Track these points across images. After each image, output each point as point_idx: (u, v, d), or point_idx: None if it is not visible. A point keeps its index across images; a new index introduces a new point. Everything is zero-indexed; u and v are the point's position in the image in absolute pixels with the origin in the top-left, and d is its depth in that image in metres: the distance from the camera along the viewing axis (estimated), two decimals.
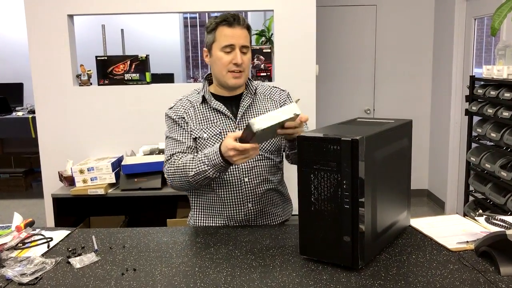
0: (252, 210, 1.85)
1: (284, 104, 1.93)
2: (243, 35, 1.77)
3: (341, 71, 5.27)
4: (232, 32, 1.75)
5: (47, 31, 3.56)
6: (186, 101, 1.88)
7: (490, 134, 3.14)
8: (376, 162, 1.38)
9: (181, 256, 1.51)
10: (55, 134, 3.65)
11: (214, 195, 1.85)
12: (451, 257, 1.43)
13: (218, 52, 1.77)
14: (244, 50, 1.78)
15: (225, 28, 1.75)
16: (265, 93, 1.94)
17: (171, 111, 1.88)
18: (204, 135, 1.81)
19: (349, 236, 1.34)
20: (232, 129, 1.82)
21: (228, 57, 1.76)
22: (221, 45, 1.76)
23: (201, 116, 1.84)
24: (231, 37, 1.74)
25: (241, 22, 1.76)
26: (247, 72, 1.84)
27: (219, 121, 1.83)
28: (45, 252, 1.56)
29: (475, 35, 4.44)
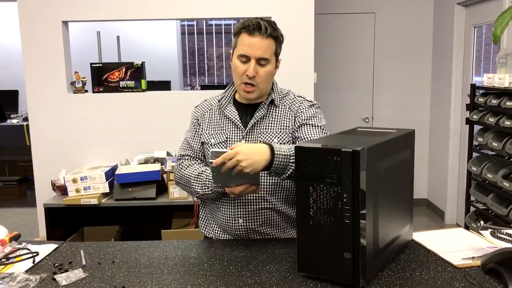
0: (243, 226, 1.74)
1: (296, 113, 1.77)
2: (263, 46, 1.65)
3: (339, 79, 5.22)
4: (250, 41, 1.64)
5: (42, 37, 3.51)
6: (207, 104, 1.86)
7: (491, 144, 3.08)
8: (378, 174, 1.32)
9: (172, 273, 1.43)
10: (48, 142, 3.59)
11: (213, 205, 1.81)
12: (457, 274, 1.36)
13: (235, 60, 1.70)
14: (262, 63, 1.67)
15: (245, 36, 1.66)
16: (287, 104, 1.79)
17: (194, 109, 1.88)
18: (212, 140, 1.78)
19: (350, 252, 1.27)
20: (239, 139, 1.75)
21: (243, 67, 1.68)
22: (238, 53, 1.68)
23: (214, 120, 1.81)
24: (247, 47, 1.65)
25: (263, 31, 1.63)
26: (264, 85, 1.71)
27: (228, 128, 1.77)
28: (30, 267, 1.49)
29: (475, 43, 4.40)
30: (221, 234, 1.80)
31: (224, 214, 1.75)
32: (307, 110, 1.78)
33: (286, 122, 1.77)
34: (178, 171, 1.82)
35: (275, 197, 1.74)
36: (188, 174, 1.76)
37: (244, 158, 1.45)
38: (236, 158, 1.45)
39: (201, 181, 1.72)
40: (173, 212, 3.42)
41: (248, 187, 1.56)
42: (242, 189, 1.55)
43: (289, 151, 1.53)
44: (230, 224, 1.75)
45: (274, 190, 1.74)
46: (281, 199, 1.75)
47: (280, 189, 1.74)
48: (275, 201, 1.74)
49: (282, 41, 1.74)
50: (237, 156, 1.45)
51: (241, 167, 1.46)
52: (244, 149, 1.47)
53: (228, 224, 1.75)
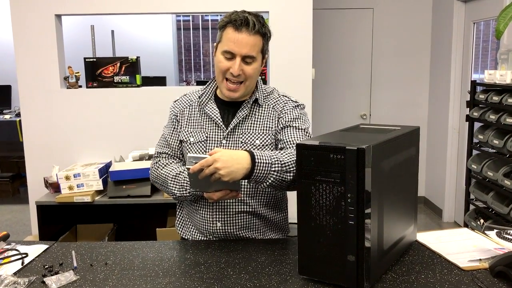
0: (221, 230, 1.67)
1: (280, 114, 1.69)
2: (249, 43, 1.55)
3: (337, 75, 5.16)
4: (236, 37, 1.55)
5: (34, 31, 3.43)
6: (187, 99, 1.77)
7: (492, 141, 3.03)
8: (383, 172, 1.26)
9: (168, 275, 1.37)
10: (41, 139, 3.51)
11: (191, 207, 1.74)
12: (464, 277, 1.31)
13: (219, 55, 1.61)
14: (248, 60, 1.58)
15: (231, 31, 1.56)
16: (271, 104, 1.71)
17: (173, 104, 1.80)
18: (191, 139, 1.70)
19: (354, 255, 1.21)
20: (219, 139, 1.66)
21: (227, 63, 1.58)
22: (223, 48, 1.59)
23: (193, 118, 1.73)
24: (233, 43, 1.55)
25: (251, 27, 1.54)
26: (250, 83, 1.63)
27: (208, 127, 1.69)
28: (18, 270, 1.42)
29: (474, 39, 4.35)
30: (198, 236, 1.73)
31: (202, 217, 1.68)
32: (291, 111, 1.70)
33: (269, 123, 1.69)
34: (155, 170, 1.74)
35: (255, 200, 1.68)
36: (165, 174, 1.68)
37: (222, 166, 1.38)
38: (215, 166, 1.38)
39: (178, 182, 1.64)
40: (168, 209, 3.36)
41: (228, 193, 1.49)
42: (221, 195, 1.49)
43: (270, 159, 1.47)
44: (208, 228, 1.68)
45: (254, 193, 1.67)
46: (261, 202, 1.69)
47: (261, 192, 1.68)
48: (255, 204, 1.68)
49: (269, 38, 1.65)
50: (216, 164, 1.38)
51: (219, 175, 1.39)
52: (223, 156, 1.39)
53: (206, 227, 1.68)
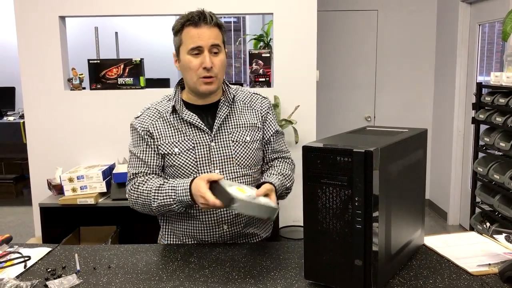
0: (227, 232, 1.65)
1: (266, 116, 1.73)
2: (212, 34, 1.56)
3: (341, 77, 5.14)
4: (199, 32, 1.55)
5: (38, 33, 3.42)
6: (154, 111, 1.67)
7: (499, 144, 3.00)
8: (391, 175, 1.24)
9: (172, 279, 1.35)
10: (44, 140, 3.50)
11: (186, 216, 1.66)
12: (473, 282, 1.29)
13: (186, 56, 1.58)
14: (215, 50, 1.58)
15: (191, 29, 1.56)
16: (245, 100, 1.72)
17: (136, 121, 1.68)
18: (175, 149, 1.61)
19: (361, 260, 1.19)
20: (207, 143, 1.61)
21: (197, 60, 1.56)
22: (188, 48, 1.56)
23: (171, 128, 1.63)
24: (197, 38, 1.55)
25: (208, 20, 1.56)
26: (221, 75, 1.62)
27: (192, 134, 1.62)
28: (21, 273, 1.41)
29: (479, 41, 4.32)
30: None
31: (205, 224, 1.64)
32: (272, 114, 1.77)
33: (254, 119, 1.70)
34: (133, 192, 1.62)
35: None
36: (147, 189, 1.59)
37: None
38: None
39: (163, 191, 1.56)
40: None
41: None
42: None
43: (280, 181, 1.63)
44: (213, 233, 1.65)
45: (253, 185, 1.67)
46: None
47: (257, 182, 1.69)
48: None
49: (225, 32, 1.65)
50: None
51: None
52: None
53: (211, 233, 1.65)
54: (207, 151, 1.61)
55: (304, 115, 3.44)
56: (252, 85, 3.49)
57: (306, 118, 3.47)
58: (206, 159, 1.61)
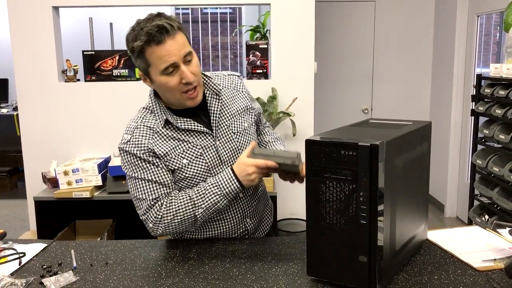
0: (250, 224, 1.64)
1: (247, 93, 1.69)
2: (180, 44, 1.38)
3: (338, 69, 5.10)
4: (166, 49, 1.36)
5: (31, 23, 3.35)
6: (144, 129, 1.49)
7: (498, 136, 2.98)
8: (396, 170, 1.21)
9: (171, 276, 1.32)
10: (38, 133, 3.45)
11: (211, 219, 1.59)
12: (479, 278, 1.26)
13: (159, 77, 1.40)
14: (189, 58, 1.41)
15: (155, 48, 1.36)
16: (226, 84, 1.62)
17: (131, 146, 1.46)
18: (184, 161, 1.48)
19: (366, 256, 1.16)
20: (212, 144, 1.52)
21: (175, 78, 1.40)
22: (159, 69, 1.38)
23: (171, 140, 1.49)
24: (168, 56, 1.36)
25: (170, 30, 1.36)
26: (201, 79, 1.48)
27: (194, 140, 1.50)
28: (15, 270, 1.37)
29: (478, 32, 4.29)
30: None
31: (230, 223, 1.60)
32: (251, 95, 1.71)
33: (243, 102, 1.63)
34: (166, 214, 1.45)
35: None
36: (184, 203, 1.45)
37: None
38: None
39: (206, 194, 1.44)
40: None
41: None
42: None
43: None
44: (237, 229, 1.62)
45: None
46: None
47: None
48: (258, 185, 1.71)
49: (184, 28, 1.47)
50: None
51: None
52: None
53: (236, 229, 1.62)
54: (215, 152, 1.52)
55: (301, 107, 3.41)
56: (250, 77, 3.45)
57: (304, 110, 3.43)
58: (216, 160, 1.52)
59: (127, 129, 1.51)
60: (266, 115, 3.28)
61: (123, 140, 1.49)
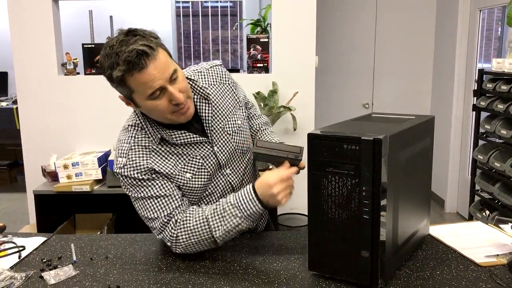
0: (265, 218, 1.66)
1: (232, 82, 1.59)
2: (164, 65, 1.26)
3: (338, 63, 5.07)
4: (149, 74, 1.24)
5: (31, 16, 3.33)
6: (139, 149, 1.38)
7: (500, 131, 2.97)
8: (399, 164, 1.20)
9: (172, 270, 1.31)
10: (38, 127, 3.43)
11: None
12: (481, 274, 1.26)
13: (146, 102, 1.30)
14: (174, 76, 1.29)
15: (137, 76, 1.23)
16: (210, 80, 1.52)
17: (129, 169, 1.36)
18: (187, 175, 1.40)
19: (368, 251, 1.15)
20: (211, 151, 1.44)
21: (164, 101, 1.29)
22: (145, 95, 1.27)
23: (169, 156, 1.40)
24: (152, 82, 1.25)
25: (150, 53, 1.23)
26: (190, 92, 1.38)
27: (193, 151, 1.42)
28: (15, 264, 1.36)
29: (480, 27, 4.27)
30: None
31: None
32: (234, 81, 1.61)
33: (230, 96, 1.54)
34: (181, 233, 1.35)
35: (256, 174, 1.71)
36: (200, 222, 1.34)
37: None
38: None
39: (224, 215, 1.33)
40: None
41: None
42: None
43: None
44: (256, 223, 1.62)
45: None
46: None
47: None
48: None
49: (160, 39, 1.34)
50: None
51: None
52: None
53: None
54: (215, 160, 1.46)
55: (302, 101, 3.39)
56: (250, 71, 3.43)
57: (305, 104, 3.42)
58: (216, 167, 1.47)
59: (119, 151, 1.39)
60: (266, 110, 3.27)
61: (118, 164, 1.38)
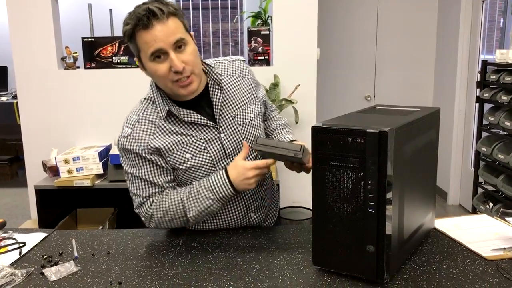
0: (255, 219, 1.60)
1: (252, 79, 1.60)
2: (170, 30, 1.31)
3: (340, 56, 5.04)
4: (152, 34, 1.30)
5: (30, 10, 3.30)
6: (146, 123, 1.43)
7: (504, 123, 2.95)
8: (405, 157, 1.18)
9: (174, 266, 1.30)
10: (38, 121, 3.41)
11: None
12: (488, 267, 1.24)
13: (149, 64, 1.35)
14: (180, 44, 1.33)
15: (143, 33, 1.31)
16: (230, 72, 1.54)
17: (131, 141, 1.41)
18: (187, 155, 1.43)
19: (373, 245, 1.13)
20: (216, 137, 1.46)
21: (164, 66, 1.33)
22: (147, 55, 1.33)
23: (173, 135, 1.43)
24: (154, 42, 1.30)
25: (159, 15, 1.29)
26: (197, 69, 1.39)
27: (198, 133, 1.44)
28: (15, 260, 1.35)
29: (483, 18, 4.23)
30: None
31: (233, 217, 1.56)
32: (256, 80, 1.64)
33: (248, 90, 1.56)
34: (155, 212, 1.44)
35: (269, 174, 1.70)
36: (174, 203, 1.42)
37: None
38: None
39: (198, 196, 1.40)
40: None
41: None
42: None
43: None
44: (241, 222, 1.58)
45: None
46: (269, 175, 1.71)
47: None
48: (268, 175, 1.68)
49: (182, 14, 1.38)
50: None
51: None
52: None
53: (239, 223, 1.58)
54: (220, 146, 1.47)
55: (304, 94, 3.36)
56: (251, 64, 3.40)
57: (307, 97, 3.39)
58: (221, 154, 1.47)
59: (127, 121, 1.45)
60: None
61: (123, 133, 1.43)
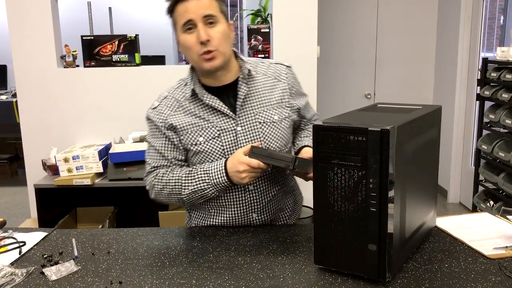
0: (256, 220, 1.58)
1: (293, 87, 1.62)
2: (203, 5, 1.42)
3: (340, 54, 5.03)
4: (187, 6, 1.41)
5: (29, 8, 3.29)
6: (172, 100, 1.55)
7: (504, 121, 2.94)
8: (407, 155, 1.17)
9: (175, 265, 1.29)
10: (38, 120, 3.41)
11: (215, 204, 1.57)
12: (491, 266, 1.23)
13: (181, 36, 1.45)
14: (211, 21, 1.42)
15: (179, 6, 1.43)
16: (268, 73, 1.58)
17: (154, 113, 1.56)
18: (200, 138, 1.50)
19: (375, 244, 1.13)
20: (232, 128, 1.50)
21: (192, 37, 1.42)
22: (180, 26, 1.44)
23: (192, 116, 1.51)
24: (185, 12, 1.41)
25: None
26: (223, 48, 1.45)
27: (215, 120, 1.50)
28: (15, 259, 1.34)
29: (483, 16, 4.22)
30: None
31: (233, 213, 1.56)
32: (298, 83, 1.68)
33: (280, 94, 1.56)
34: (157, 183, 1.54)
35: (283, 176, 1.63)
36: (174, 178, 1.51)
37: None
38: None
39: (195, 177, 1.48)
40: None
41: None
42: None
43: None
44: (243, 221, 1.58)
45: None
46: (287, 178, 1.66)
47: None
48: (283, 181, 1.62)
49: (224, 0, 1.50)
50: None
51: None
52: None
53: (240, 221, 1.58)
54: (234, 137, 1.50)
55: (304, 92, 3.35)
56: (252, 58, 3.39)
57: None
58: (233, 145, 1.50)
59: (160, 95, 1.60)
60: None
61: (152, 105, 1.58)
